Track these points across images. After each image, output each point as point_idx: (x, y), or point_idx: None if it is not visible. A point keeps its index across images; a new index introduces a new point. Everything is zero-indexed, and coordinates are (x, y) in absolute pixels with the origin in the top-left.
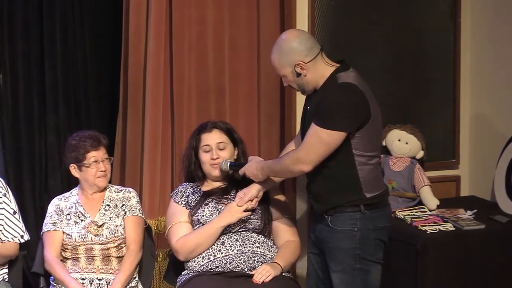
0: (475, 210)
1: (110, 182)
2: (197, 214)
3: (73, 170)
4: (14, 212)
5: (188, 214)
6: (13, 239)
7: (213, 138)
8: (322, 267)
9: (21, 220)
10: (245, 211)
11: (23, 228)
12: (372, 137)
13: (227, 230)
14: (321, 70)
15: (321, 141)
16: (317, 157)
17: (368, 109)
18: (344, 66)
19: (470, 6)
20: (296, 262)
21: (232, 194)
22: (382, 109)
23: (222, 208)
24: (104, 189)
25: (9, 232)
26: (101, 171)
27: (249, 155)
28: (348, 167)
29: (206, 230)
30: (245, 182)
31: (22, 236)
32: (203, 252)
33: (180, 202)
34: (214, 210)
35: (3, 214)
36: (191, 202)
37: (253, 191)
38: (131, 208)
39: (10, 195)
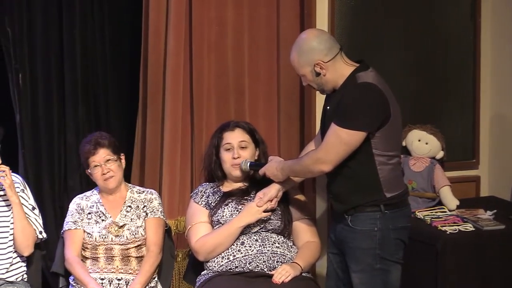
0: (495, 211)
1: (129, 182)
2: (217, 215)
3: (88, 174)
4: (33, 208)
5: (208, 215)
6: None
7: (236, 137)
8: (342, 267)
9: (40, 217)
10: (264, 211)
11: (42, 225)
12: (392, 136)
13: (246, 230)
14: (340, 70)
15: (341, 140)
16: (337, 157)
17: (388, 108)
18: (363, 66)
19: (490, 6)
20: (316, 262)
21: (252, 195)
22: (402, 109)
23: (242, 209)
24: (118, 190)
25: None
26: (103, 174)
27: (269, 155)
28: (368, 167)
29: (225, 230)
30: (265, 182)
31: (40, 232)
32: (223, 252)
33: (200, 202)
34: (234, 211)
35: None
36: (211, 202)
37: (273, 191)
38: (153, 210)
39: (28, 191)
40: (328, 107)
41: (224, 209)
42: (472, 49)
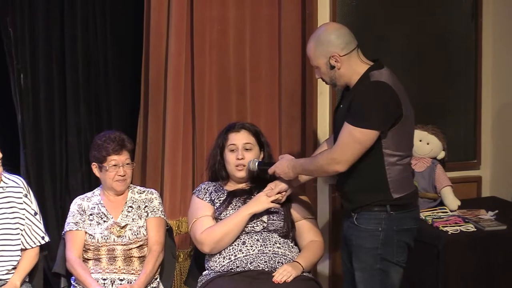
0: (496, 211)
1: (131, 182)
2: (221, 216)
3: (95, 168)
4: (35, 214)
5: (213, 211)
6: (35, 244)
7: (240, 138)
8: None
9: (41, 221)
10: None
11: (43, 230)
12: (404, 137)
13: (249, 229)
14: (355, 66)
15: (355, 140)
16: (351, 156)
17: (400, 108)
18: (377, 65)
19: (491, 6)
20: (318, 261)
21: (255, 195)
22: None
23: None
24: (125, 190)
25: (33, 236)
26: (119, 175)
27: (273, 157)
28: (376, 167)
29: (233, 218)
30: (268, 183)
31: (43, 238)
32: (229, 243)
33: (204, 198)
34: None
35: (24, 215)
36: (214, 199)
37: (284, 184)
38: (154, 209)
39: (31, 196)
40: (341, 106)
41: (230, 211)
42: (473, 49)
